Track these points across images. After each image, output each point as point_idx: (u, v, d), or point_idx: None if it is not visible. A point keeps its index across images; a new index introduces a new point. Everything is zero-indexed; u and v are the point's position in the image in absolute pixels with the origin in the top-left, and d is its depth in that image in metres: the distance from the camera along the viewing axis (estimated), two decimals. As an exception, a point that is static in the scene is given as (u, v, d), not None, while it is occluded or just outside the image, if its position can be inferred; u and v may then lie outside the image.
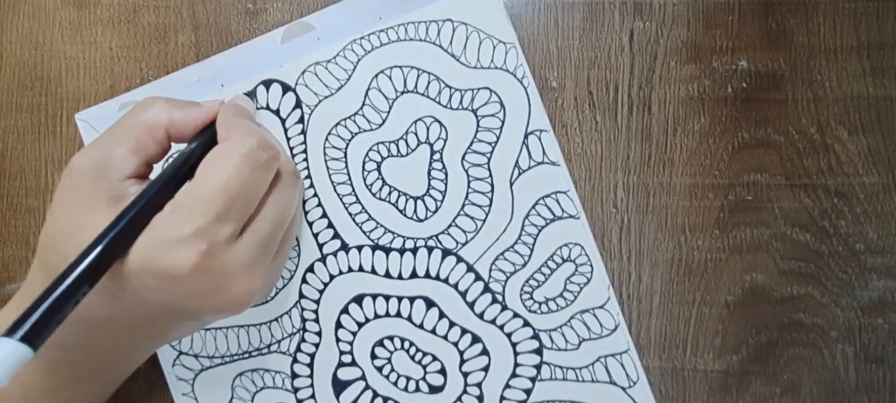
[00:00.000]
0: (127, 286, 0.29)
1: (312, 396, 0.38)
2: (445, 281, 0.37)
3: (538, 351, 0.37)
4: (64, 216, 0.30)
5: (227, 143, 0.31)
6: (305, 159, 0.38)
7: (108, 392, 0.37)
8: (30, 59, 0.40)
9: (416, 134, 0.37)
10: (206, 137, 0.33)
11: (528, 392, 0.37)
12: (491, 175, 0.37)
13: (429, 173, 0.37)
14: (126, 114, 0.33)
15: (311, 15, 0.37)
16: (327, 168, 0.37)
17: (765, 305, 0.36)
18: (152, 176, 0.33)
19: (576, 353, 0.37)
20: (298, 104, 0.38)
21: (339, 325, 0.38)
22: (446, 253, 0.37)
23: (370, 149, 0.37)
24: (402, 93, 0.37)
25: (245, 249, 0.30)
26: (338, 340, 0.38)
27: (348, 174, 0.37)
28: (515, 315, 0.37)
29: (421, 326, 0.37)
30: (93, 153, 0.31)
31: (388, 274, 0.37)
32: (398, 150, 0.37)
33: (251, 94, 0.38)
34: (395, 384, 0.38)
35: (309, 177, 0.38)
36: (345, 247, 0.38)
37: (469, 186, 0.37)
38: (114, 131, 0.33)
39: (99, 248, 0.27)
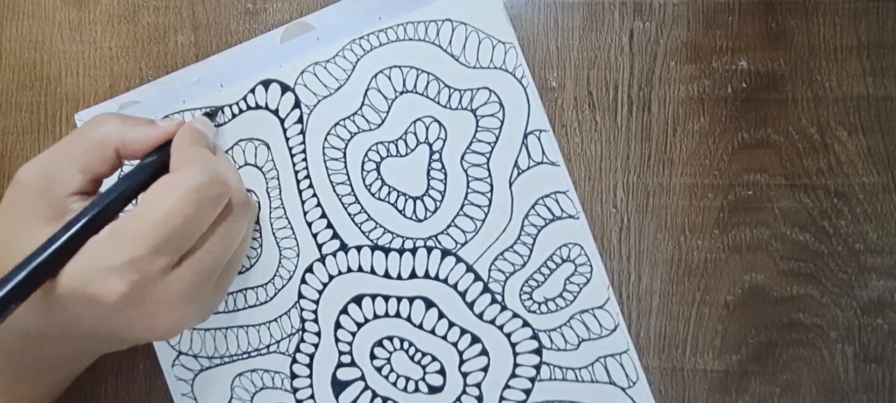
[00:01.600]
0: (56, 306, 0.29)
1: (312, 396, 0.38)
2: (445, 281, 0.37)
3: (538, 352, 0.37)
4: (5, 227, 0.31)
5: (177, 175, 0.30)
6: (304, 159, 0.38)
7: (56, 392, 0.37)
8: (29, 59, 0.40)
9: (415, 134, 0.37)
10: (158, 159, 0.33)
11: (527, 392, 0.37)
12: (490, 175, 0.37)
13: (428, 173, 0.37)
14: (78, 128, 0.33)
15: (311, 15, 0.37)
16: (326, 168, 0.37)
17: (764, 305, 0.36)
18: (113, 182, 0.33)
19: (575, 353, 0.37)
20: (297, 104, 0.38)
21: (338, 325, 0.38)
22: (446, 253, 0.37)
23: (369, 149, 0.37)
24: (402, 93, 0.37)
25: (180, 280, 0.30)
26: (337, 340, 0.38)
27: (347, 174, 0.37)
28: (515, 315, 0.37)
29: (420, 326, 0.37)
30: (40, 167, 0.31)
31: (387, 275, 0.37)
32: (397, 150, 0.37)
33: (213, 114, 0.38)
34: (395, 384, 0.38)
35: (308, 177, 0.38)
36: (344, 248, 0.38)
37: (468, 186, 0.37)
38: (63, 146, 0.33)
39: (28, 268, 0.27)
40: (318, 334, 0.38)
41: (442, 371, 0.38)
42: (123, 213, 0.31)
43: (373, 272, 0.38)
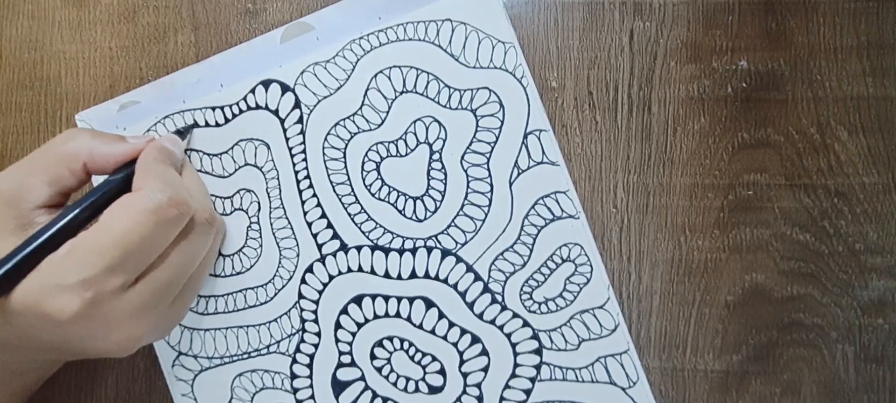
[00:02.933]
0: (11, 320, 0.29)
1: (312, 397, 0.38)
2: (445, 281, 0.37)
3: (538, 352, 0.37)
4: None
5: (137, 195, 0.31)
6: (304, 159, 0.38)
7: (25, 394, 0.37)
8: (29, 59, 0.40)
9: (415, 134, 0.37)
10: (124, 175, 0.33)
11: (527, 392, 0.37)
12: (490, 175, 0.37)
13: (428, 173, 0.37)
14: (48, 142, 0.34)
15: (311, 15, 0.37)
16: (326, 168, 0.37)
17: (765, 305, 0.36)
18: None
19: (575, 353, 0.37)
20: (297, 104, 0.38)
21: (338, 326, 0.38)
22: (446, 253, 0.37)
23: (369, 149, 0.37)
24: (402, 93, 0.37)
25: (136, 297, 0.30)
26: (337, 340, 0.38)
27: (347, 174, 0.37)
28: (515, 315, 0.37)
29: (420, 326, 0.37)
30: (9, 178, 0.32)
31: (387, 275, 0.37)
32: (397, 150, 0.37)
33: (186, 131, 0.38)
34: (395, 384, 0.38)
35: (308, 177, 0.38)
36: (344, 248, 0.38)
37: (468, 186, 0.37)
38: (32, 159, 0.33)
39: None
40: (319, 334, 0.38)
41: (442, 372, 0.37)
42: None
43: (373, 272, 0.38)
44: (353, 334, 0.38)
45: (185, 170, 0.36)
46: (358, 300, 0.38)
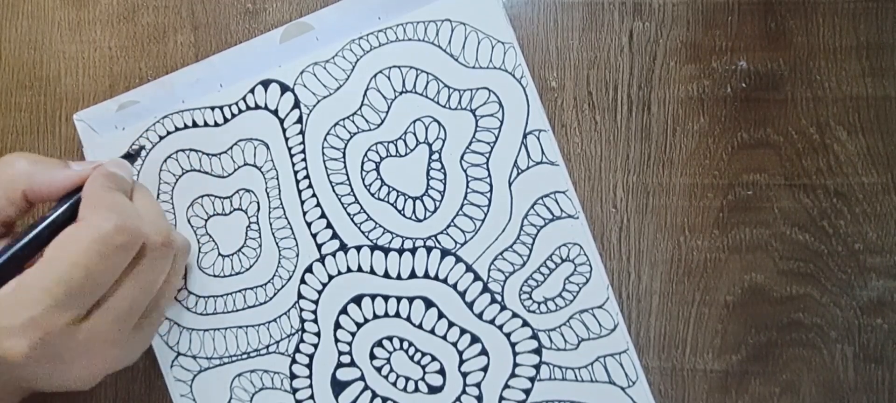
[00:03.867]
0: None
1: (311, 397, 0.38)
2: (444, 281, 0.37)
3: (537, 351, 0.37)
4: None
5: (81, 225, 0.30)
6: (304, 159, 0.38)
7: None
8: (29, 59, 0.40)
9: (414, 134, 0.37)
10: (72, 203, 0.32)
11: (527, 392, 0.37)
12: (490, 175, 0.37)
13: (427, 173, 0.37)
14: None
15: (310, 15, 0.37)
16: (326, 168, 0.37)
17: (764, 305, 0.36)
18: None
19: (575, 353, 0.37)
20: (297, 104, 0.38)
21: (337, 326, 0.38)
22: (445, 253, 0.37)
23: (369, 150, 0.37)
24: (401, 93, 0.37)
25: (92, 329, 0.30)
26: (337, 340, 0.38)
27: (347, 174, 0.37)
28: (514, 315, 0.37)
29: (420, 326, 0.37)
30: None
31: (386, 275, 0.37)
32: (397, 150, 0.37)
33: (135, 155, 0.37)
34: (394, 384, 0.38)
35: (307, 177, 0.38)
36: (343, 248, 0.38)
37: (468, 186, 0.37)
38: None
39: None
40: (318, 334, 0.38)
41: (442, 371, 0.37)
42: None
43: (372, 272, 0.38)
44: (353, 334, 0.38)
45: (138, 193, 0.35)
46: (357, 300, 0.38)
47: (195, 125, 0.38)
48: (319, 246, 0.38)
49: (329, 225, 0.38)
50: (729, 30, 0.36)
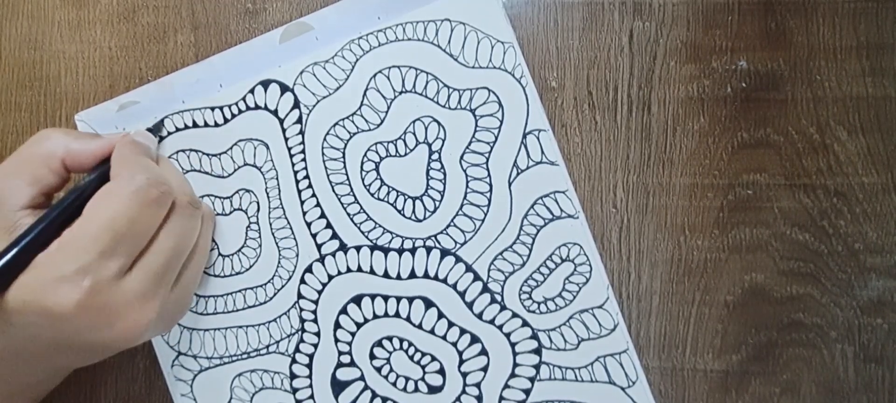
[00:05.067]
0: (12, 322, 0.29)
1: (311, 397, 0.38)
2: (444, 281, 0.37)
3: (537, 351, 0.37)
4: None
5: (116, 181, 0.31)
6: (303, 159, 0.38)
7: None
8: (29, 59, 0.40)
9: (414, 134, 0.37)
10: (102, 170, 0.33)
11: (527, 392, 0.37)
12: (489, 175, 0.37)
13: (427, 173, 0.37)
14: (25, 143, 0.34)
15: (310, 15, 0.37)
16: (325, 168, 0.37)
17: (764, 305, 0.36)
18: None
19: (575, 353, 0.37)
20: (296, 104, 0.38)
21: (337, 325, 0.38)
22: (445, 253, 0.37)
23: (368, 150, 0.37)
24: (401, 92, 0.37)
25: (135, 283, 0.30)
26: (336, 340, 0.38)
27: (346, 174, 0.37)
28: (514, 315, 0.37)
29: (420, 326, 0.37)
30: None
31: (386, 275, 0.37)
32: (396, 150, 0.37)
33: (157, 127, 0.38)
34: (394, 384, 0.38)
35: (307, 177, 0.38)
36: (343, 248, 0.38)
37: (467, 186, 0.37)
38: (11, 162, 0.34)
39: None
40: (318, 334, 0.38)
41: (441, 371, 0.38)
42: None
43: (372, 272, 0.38)
44: (353, 334, 0.38)
45: (162, 162, 0.37)
46: (357, 300, 0.38)
47: (195, 125, 0.39)
48: (319, 246, 0.38)
49: (329, 226, 0.38)
50: (729, 30, 0.36)
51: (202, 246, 0.36)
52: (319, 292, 0.38)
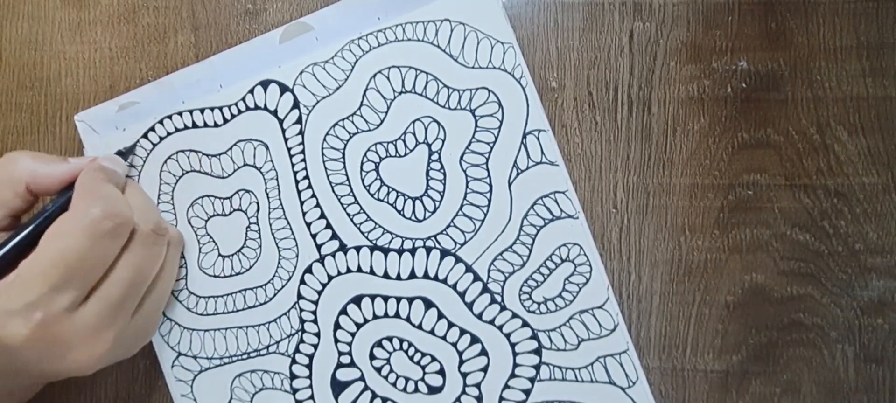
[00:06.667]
0: None
1: (311, 397, 0.38)
2: (444, 281, 0.37)
3: (537, 352, 0.37)
4: None
5: (72, 212, 0.32)
6: (303, 160, 0.38)
7: None
8: (29, 60, 0.40)
9: (414, 134, 0.37)
10: (68, 195, 0.34)
11: (527, 392, 0.37)
12: (489, 175, 0.37)
13: (427, 173, 0.37)
14: None
15: (310, 15, 0.37)
16: (325, 168, 0.37)
17: (765, 305, 0.36)
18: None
19: (575, 353, 0.37)
20: (296, 104, 0.38)
21: (337, 326, 0.38)
22: (445, 253, 0.37)
23: (368, 150, 0.37)
24: (401, 93, 0.37)
25: (89, 315, 0.31)
26: (336, 341, 0.38)
27: (346, 174, 0.37)
28: (514, 315, 0.37)
29: (420, 327, 0.37)
30: None
31: (386, 275, 0.37)
32: (396, 151, 0.37)
33: (129, 151, 0.38)
34: (394, 384, 0.38)
35: (307, 177, 0.38)
36: (343, 248, 0.38)
37: (467, 186, 0.37)
38: None
39: None
40: (318, 335, 0.38)
41: (441, 372, 0.37)
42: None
43: (372, 272, 0.38)
44: (353, 334, 0.38)
45: (129, 187, 0.37)
46: (357, 300, 0.38)
47: (195, 126, 0.39)
48: (319, 247, 0.38)
49: (329, 226, 0.38)
50: (729, 30, 0.36)
51: (168, 271, 0.36)
52: (319, 292, 0.38)
